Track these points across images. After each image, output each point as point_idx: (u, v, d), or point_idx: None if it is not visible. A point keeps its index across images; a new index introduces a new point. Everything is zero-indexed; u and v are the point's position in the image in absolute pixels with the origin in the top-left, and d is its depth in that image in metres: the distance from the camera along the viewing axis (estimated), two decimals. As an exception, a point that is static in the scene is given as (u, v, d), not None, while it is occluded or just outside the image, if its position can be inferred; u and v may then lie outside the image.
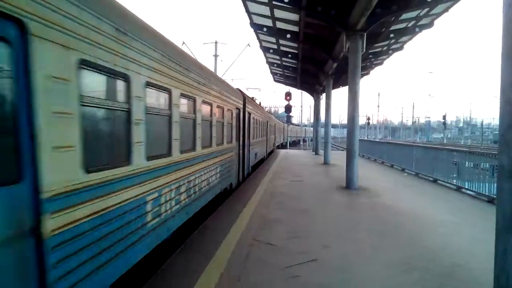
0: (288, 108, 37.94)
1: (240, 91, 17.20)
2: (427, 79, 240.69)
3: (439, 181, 16.56)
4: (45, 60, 3.51)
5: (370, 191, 14.21)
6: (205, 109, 9.05)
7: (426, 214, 10.57)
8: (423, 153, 19.32)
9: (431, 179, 17.29)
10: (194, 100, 8.02)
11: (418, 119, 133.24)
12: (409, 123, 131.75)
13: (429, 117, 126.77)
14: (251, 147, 18.61)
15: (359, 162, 15.50)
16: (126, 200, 4.91)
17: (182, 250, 7.16)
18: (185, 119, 7.46)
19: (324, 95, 29.90)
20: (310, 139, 69.55)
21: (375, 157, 27.95)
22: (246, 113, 16.24)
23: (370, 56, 23.09)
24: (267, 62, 29.66)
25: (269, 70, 34.00)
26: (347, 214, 10.71)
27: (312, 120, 74.21)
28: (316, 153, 34.76)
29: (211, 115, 9.65)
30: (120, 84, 4.89)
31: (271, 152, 35.09)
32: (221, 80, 12.45)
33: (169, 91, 6.40)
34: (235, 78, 66.43)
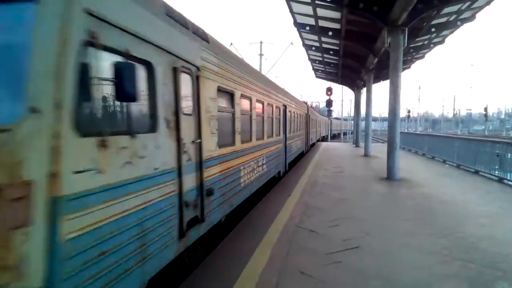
0: (329, 103, 37.55)
1: (305, 103, 28.21)
2: (469, 71, 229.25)
3: (480, 173, 15.80)
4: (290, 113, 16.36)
5: (411, 182, 13.80)
6: (297, 116, 19.03)
7: (467, 204, 10.15)
8: (464, 145, 18.47)
9: (472, 170, 16.53)
10: (295, 113, 18.08)
11: (459, 112, 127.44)
12: (450, 115, 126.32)
13: (470, 109, 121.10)
14: (310, 134, 28.07)
15: (400, 154, 15.07)
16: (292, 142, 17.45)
17: (235, 232, 7.28)
18: (295, 121, 17.88)
19: (364, 89, 29.22)
20: (350, 132, 68.52)
21: (416, 149, 27.00)
22: (308, 115, 25.75)
23: (411, 50, 22.28)
24: (309, 59, 29.37)
25: (311, 67, 33.63)
26: (388, 203, 10.47)
27: (352, 114, 72.86)
28: (357, 146, 34.15)
29: (300, 118, 20.21)
30: (271, 109, 11.63)
31: (318, 140, 42.73)
32: (301, 101, 24.31)
33: (296, 113, 17.79)
34: (279, 75, 65.86)
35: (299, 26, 19.15)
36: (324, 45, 23.26)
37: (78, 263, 2.94)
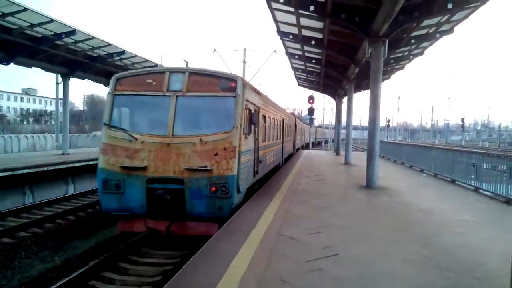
0: (311, 111, 37.86)
1: (293, 114, 36.52)
2: (447, 82, 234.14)
3: (457, 182, 16.09)
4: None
5: (390, 190, 13.97)
6: (289, 126, 24.24)
7: (444, 213, 10.32)
8: (442, 155, 18.83)
9: (449, 179, 16.83)
10: (288, 124, 23.51)
11: (437, 122, 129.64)
12: (428, 125, 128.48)
13: (447, 120, 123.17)
14: (296, 140, 33.90)
15: (379, 162, 15.25)
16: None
17: (217, 236, 7.21)
18: (288, 129, 23.83)
19: (345, 98, 29.52)
20: (331, 140, 69.43)
21: (395, 158, 27.43)
22: (295, 124, 31.55)
23: (392, 61, 22.66)
24: (292, 67, 29.50)
25: (293, 75, 33.81)
26: (367, 212, 10.57)
27: (333, 122, 73.63)
28: (337, 154, 34.42)
29: (290, 127, 25.31)
30: (278, 122, 18.42)
31: (302, 146, 47.46)
32: (290, 114, 30.28)
33: (289, 124, 24.47)
34: (262, 82, 65.44)
35: (283, 34, 19.26)
36: (306, 54, 23.45)
37: (241, 171, 9.39)
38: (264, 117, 13.59)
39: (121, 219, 9.28)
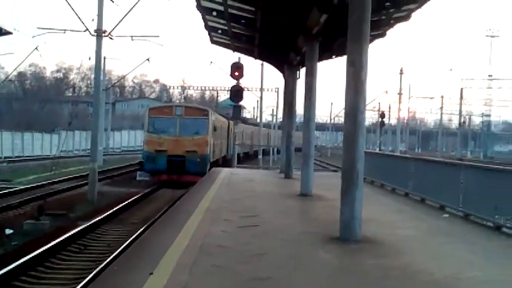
0: (236, 93, 38.13)
1: (227, 118, 79.78)
2: (486, 41, 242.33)
3: (505, 229, 16.57)
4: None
5: (383, 245, 14.29)
6: (222, 128, 72.24)
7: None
8: (478, 178, 19.28)
9: (491, 224, 17.39)
10: (221, 126, 72.89)
11: (470, 118, 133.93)
12: (454, 124, 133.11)
13: (488, 114, 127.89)
14: (231, 144, 75.84)
15: (365, 191, 15.44)
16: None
17: None
18: (223, 132, 78.77)
19: (304, 70, 29.78)
20: (276, 150, 72.32)
21: (393, 185, 28.52)
22: (228, 127, 77.47)
23: (387, 4, 23.13)
24: (199, 6, 28.35)
25: (202, 24, 32.62)
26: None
27: (280, 116, 74.90)
28: (287, 176, 34.86)
29: (223, 130, 74.26)
30: (223, 128, 75.25)
31: (217, 161, 69.60)
32: (224, 119, 79.53)
33: (228, 127, 78.16)
34: (137, 36, 61.89)
35: None
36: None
37: (210, 153, 57.61)
38: (216, 126, 55.80)
39: (153, 175, 50.06)
